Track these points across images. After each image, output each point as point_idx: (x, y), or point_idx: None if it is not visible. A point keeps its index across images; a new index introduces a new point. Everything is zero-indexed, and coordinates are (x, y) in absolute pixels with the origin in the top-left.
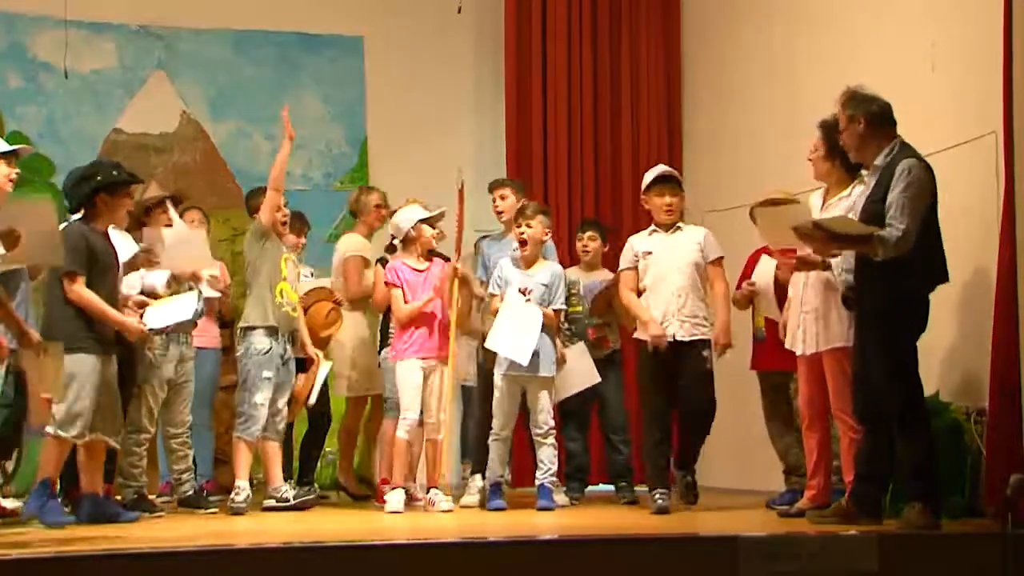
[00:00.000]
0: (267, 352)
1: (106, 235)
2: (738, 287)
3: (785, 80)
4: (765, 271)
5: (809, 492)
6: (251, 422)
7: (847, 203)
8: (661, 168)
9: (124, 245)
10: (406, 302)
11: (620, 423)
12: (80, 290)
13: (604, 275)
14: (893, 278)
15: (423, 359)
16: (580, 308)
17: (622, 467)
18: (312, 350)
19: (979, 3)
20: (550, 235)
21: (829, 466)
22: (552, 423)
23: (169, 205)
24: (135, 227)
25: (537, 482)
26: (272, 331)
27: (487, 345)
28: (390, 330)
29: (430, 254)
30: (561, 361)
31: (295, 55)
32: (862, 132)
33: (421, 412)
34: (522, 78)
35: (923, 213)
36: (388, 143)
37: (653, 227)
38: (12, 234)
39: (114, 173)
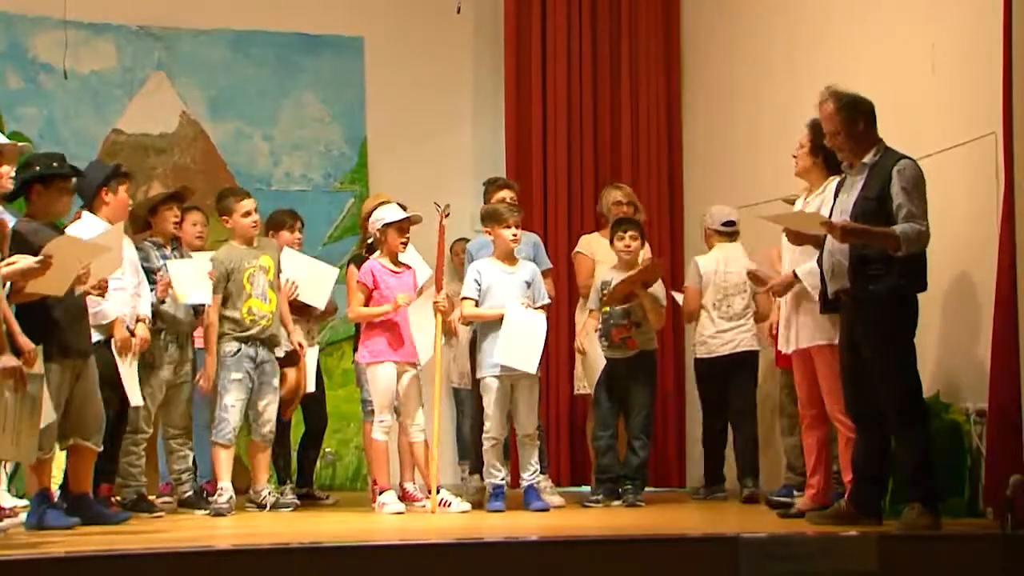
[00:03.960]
0: (235, 354)
1: (54, 227)
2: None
3: (785, 82)
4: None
5: (809, 491)
6: (222, 424)
7: (819, 200)
8: None
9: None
10: (380, 303)
11: (641, 426)
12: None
13: None
14: (896, 277)
15: (395, 363)
16: (608, 308)
17: (634, 470)
18: (296, 339)
19: (978, 5)
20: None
21: (828, 465)
22: (538, 423)
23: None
24: (142, 227)
25: (524, 483)
26: (241, 338)
27: (497, 360)
28: None
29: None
30: (581, 352)
31: (295, 56)
32: (861, 132)
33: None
34: (522, 79)
35: None
36: (388, 144)
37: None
38: (46, 262)
39: (53, 164)
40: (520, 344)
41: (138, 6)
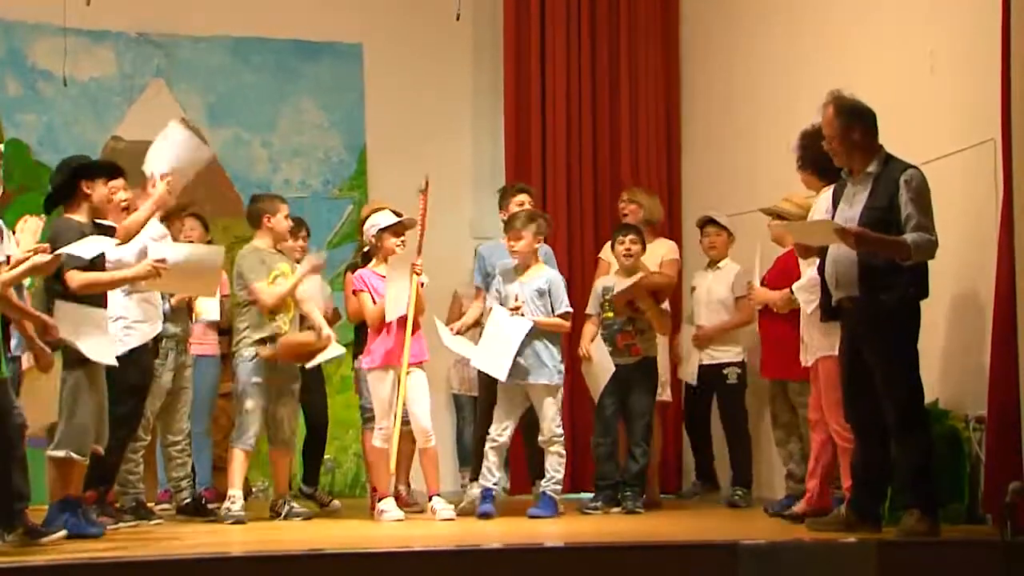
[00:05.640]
0: (254, 358)
1: (94, 226)
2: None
3: (784, 86)
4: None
5: (806, 495)
6: (242, 429)
7: (816, 205)
8: None
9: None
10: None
11: (641, 432)
12: (83, 276)
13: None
14: (904, 287)
15: (394, 368)
16: (612, 314)
17: (633, 476)
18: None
19: (977, 11)
20: (542, 241)
21: (827, 469)
22: (558, 431)
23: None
24: None
25: (540, 489)
26: (261, 340)
27: (473, 364)
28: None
29: None
30: (587, 359)
31: (294, 62)
32: (857, 140)
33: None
34: (521, 85)
35: None
36: (387, 150)
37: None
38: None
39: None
40: (493, 350)
41: (137, 13)
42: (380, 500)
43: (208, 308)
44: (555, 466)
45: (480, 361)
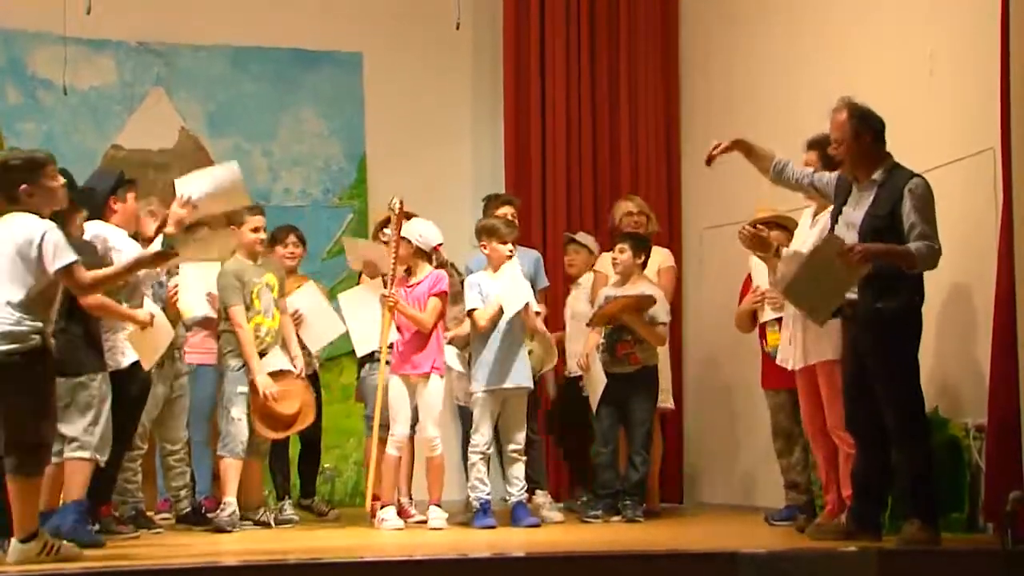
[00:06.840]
0: (239, 368)
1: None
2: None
3: (784, 86)
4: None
5: (826, 507)
6: (230, 438)
7: (827, 215)
8: None
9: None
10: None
11: (641, 440)
12: (86, 274)
13: (641, 287)
14: (901, 291)
15: (402, 375)
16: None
17: (633, 485)
18: (300, 364)
19: (977, 11)
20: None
21: (841, 478)
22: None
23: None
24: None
25: (512, 500)
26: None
27: (508, 310)
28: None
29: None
30: (585, 370)
31: (294, 71)
32: (866, 147)
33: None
34: (520, 93)
35: None
36: (387, 159)
37: None
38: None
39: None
40: (515, 292)
41: (138, 22)
42: (382, 508)
43: (192, 306)
44: (523, 472)
45: (512, 305)
